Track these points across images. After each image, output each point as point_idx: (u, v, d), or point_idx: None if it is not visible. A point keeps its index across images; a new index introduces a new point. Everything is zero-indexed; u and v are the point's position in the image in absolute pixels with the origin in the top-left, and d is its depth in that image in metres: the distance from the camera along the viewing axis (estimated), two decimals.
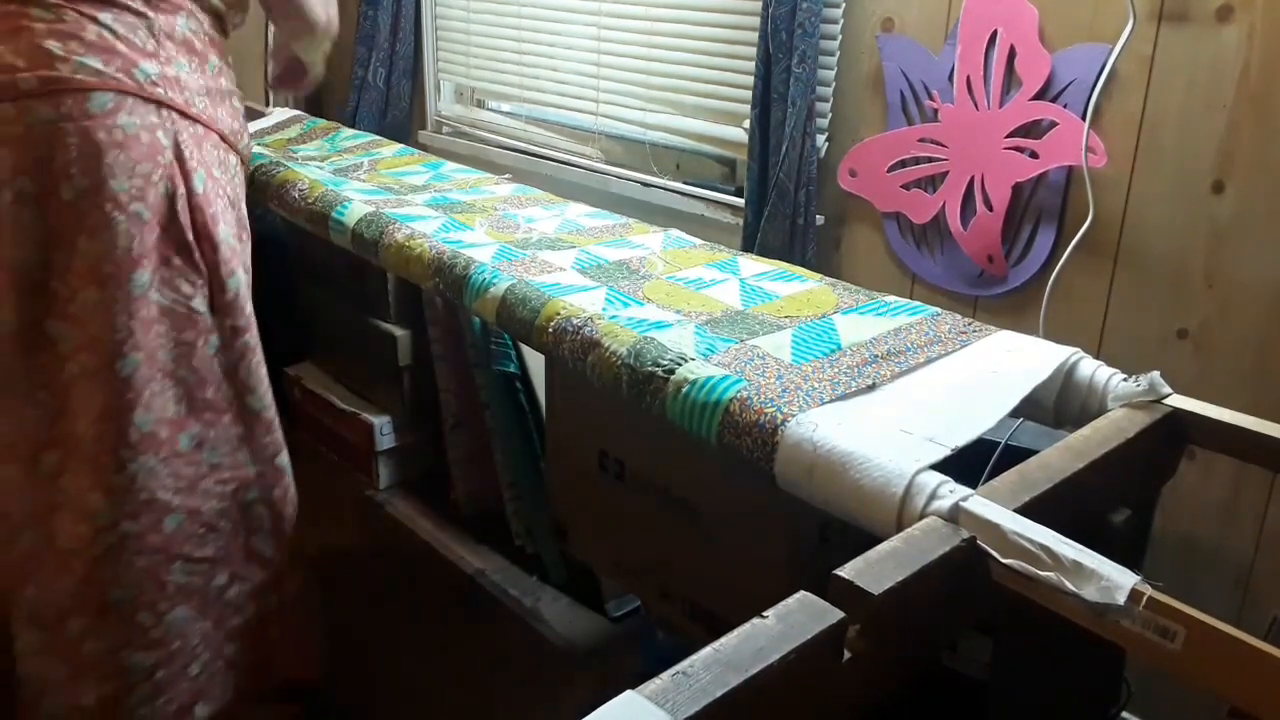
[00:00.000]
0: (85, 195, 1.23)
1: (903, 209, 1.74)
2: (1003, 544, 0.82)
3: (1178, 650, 0.73)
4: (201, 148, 1.34)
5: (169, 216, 1.29)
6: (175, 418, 1.33)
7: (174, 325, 1.32)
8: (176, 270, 1.31)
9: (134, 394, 1.28)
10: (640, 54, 2.15)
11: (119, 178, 1.25)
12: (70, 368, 1.26)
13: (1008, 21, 1.55)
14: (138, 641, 1.33)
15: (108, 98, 1.24)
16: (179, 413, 1.33)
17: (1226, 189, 1.40)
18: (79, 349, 1.26)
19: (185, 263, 1.32)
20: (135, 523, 1.30)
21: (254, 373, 1.42)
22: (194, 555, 1.37)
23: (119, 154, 1.24)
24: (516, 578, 2.06)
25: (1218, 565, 1.50)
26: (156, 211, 1.28)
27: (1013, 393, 1.08)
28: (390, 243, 1.55)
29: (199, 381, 1.35)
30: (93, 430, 1.27)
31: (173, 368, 1.32)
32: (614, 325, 1.22)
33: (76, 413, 1.27)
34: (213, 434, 1.37)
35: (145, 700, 1.34)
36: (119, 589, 1.31)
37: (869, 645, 0.75)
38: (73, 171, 1.22)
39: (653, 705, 0.62)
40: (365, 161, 2.12)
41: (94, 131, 1.23)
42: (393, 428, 2.31)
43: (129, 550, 1.30)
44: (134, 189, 1.26)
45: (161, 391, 1.31)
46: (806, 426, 0.98)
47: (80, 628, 1.30)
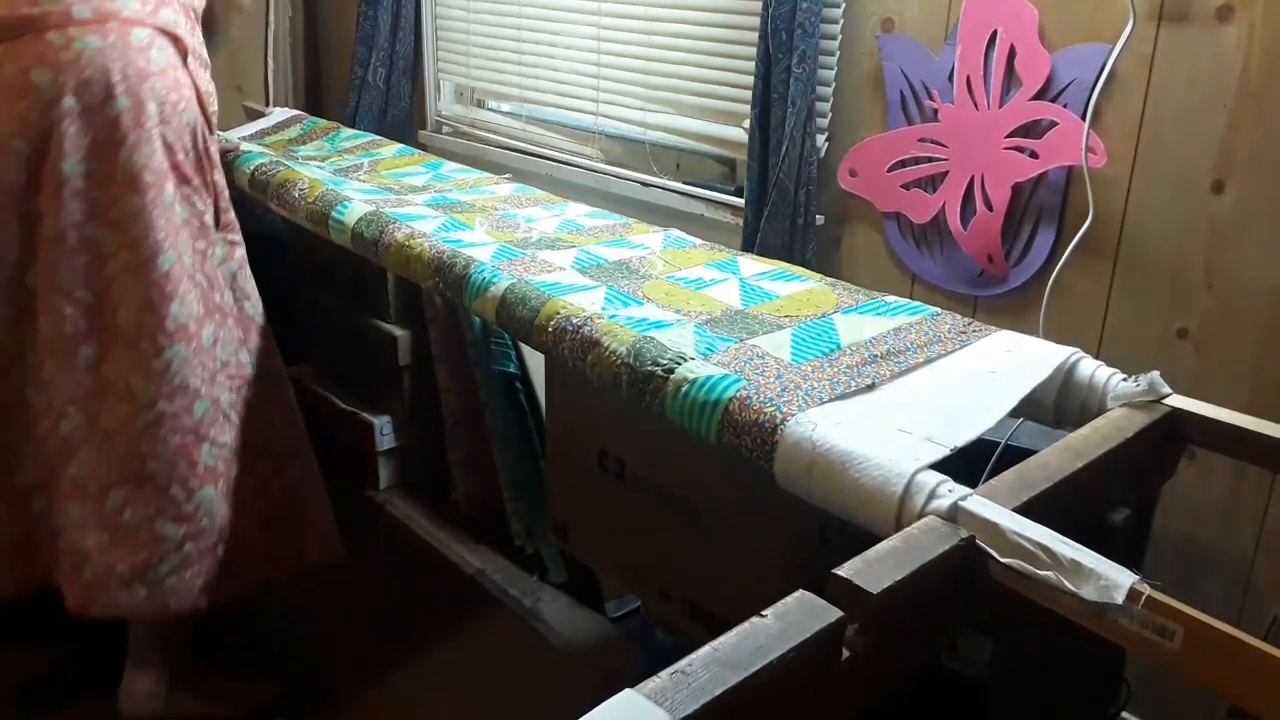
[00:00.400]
0: (127, 113, 1.41)
1: (903, 209, 1.74)
2: (1001, 543, 0.82)
3: (1176, 649, 0.73)
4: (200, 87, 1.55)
5: (191, 141, 1.50)
6: (198, 315, 1.50)
7: (193, 235, 1.51)
8: (194, 188, 1.51)
9: (170, 288, 1.46)
10: (640, 54, 2.15)
11: (156, 101, 1.44)
12: (111, 267, 1.43)
13: (1008, 21, 1.55)
14: (170, 513, 1.48)
15: (145, 33, 1.45)
16: (199, 312, 1.51)
17: (1226, 189, 1.40)
18: (120, 249, 1.43)
19: (201, 183, 1.53)
20: (171, 404, 1.47)
21: (249, 281, 1.62)
22: (218, 440, 1.53)
23: (156, 80, 1.44)
24: (516, 578, 2.06)
25: (1218, 565, 1.50)
26: (181, 135, 1.48)
27: (1012, 393, 1.08)
28: (390, 242, 1.55)
29: (210, 285, 1.54)
30: (134, 319, 1.44)
31: (193, 271, 1.51)
32: (613, 325, 1.22)
33: (117, 306, 1.44)
34: (222, 334, 1.55)
35: (174, 570, 1.48)
36: (156, 462, 1.46)
37: (868, 644, 0.75)
38: (117, 92, 1.40)
39: (652, 704, 0.62)
40: (365, 162, 2.12)
41: (136, 60, 1.42)
42: (393, 428, 2.31)
43: (165, 428, 1.46)
44: (166, 113, 1.46)
45: (189, 290, 1.49)
46: (806, 426, 0.98)
47: (120, 499, 1.46)
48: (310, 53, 3.03)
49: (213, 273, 1.54)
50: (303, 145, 2.33)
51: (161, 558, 1.47)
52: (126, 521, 1.46)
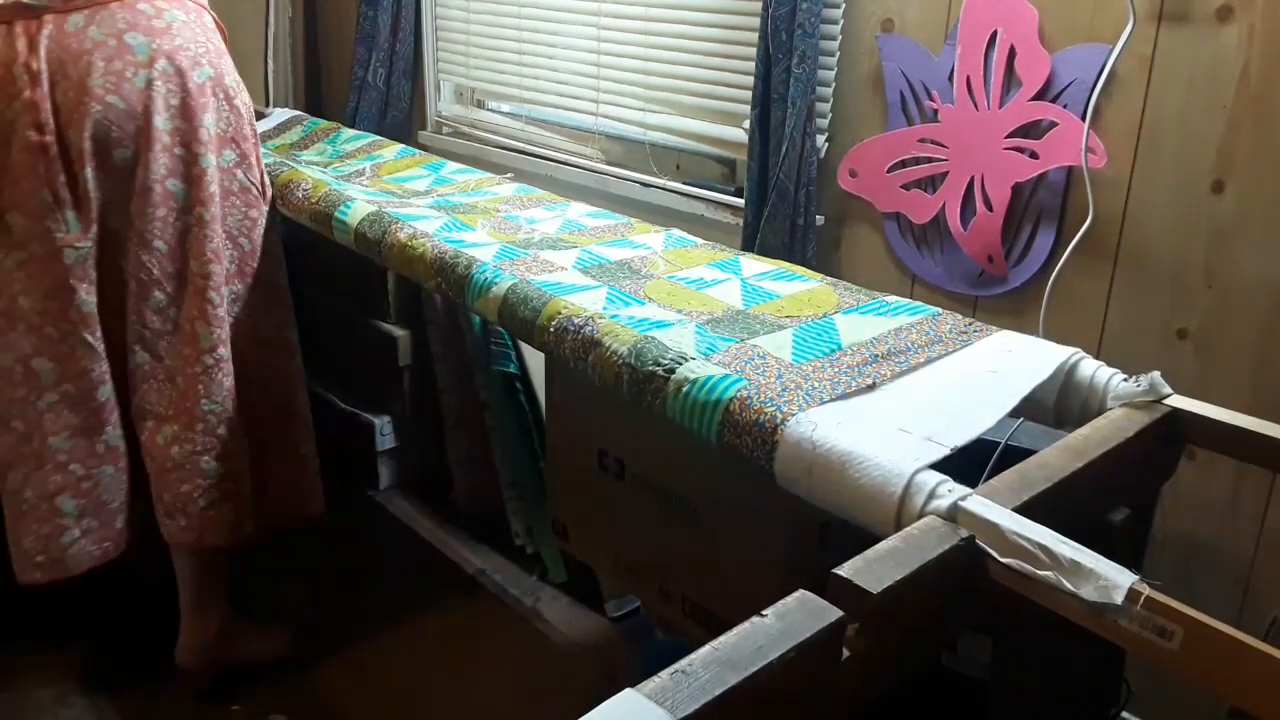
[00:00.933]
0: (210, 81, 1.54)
1: (903, 209, 1.75)
2: (1001, 543, 0.82)
3: (1176, 650, 0.73)
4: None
5: (250, 117, 1.63)
6: (229, 273, 1.62)
7: (246, 202, 1.64)
8: (255, 160, 1.65)
9: (225, 242, 1.61)
10: (640, 54, 2.15)
11: (231, 75, 1.59)
12: (189, 218, 1.55)
13: (1008, 22, 1.55)
14: (215, 451, 1.61)
15: (210, 19, 1.60)
16: (230, 270, 1.63)
17: (1226, 189, 1.40)
18: (196, 203, 1.54)
19: (256, 156, 1.65)
20: (226, 349, 1.61)
21: (278, 250, 1.72)
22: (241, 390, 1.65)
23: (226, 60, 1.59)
24: (516, 578, 2.06)
25: (1218, 565, 1.50)
26: (246, 110, 1.62)
27: (1013, 393, 1.08)
28: (393, 242, 1.55)
29: (252, 250, 1.66)
30: (203, 270, 1.56)
31: (237, 234, 1.63)
32: (615, 324, 1.22)
33: (189, 256, 1.56)
34: (252, 296, 1.67)
35: (213, 504, 1.62)
36: (210, 403, 1.59)
37: (868, 644, 0.75)
38: (203, 62, 1.53)
39: (652, 704, 0.62)
40: (368, 167, 2.12)
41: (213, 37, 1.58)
42: (393, 428, 2.31)
43: (222, 371, 1.60)
44: (237, 86, 1.60)
45: (224, 249, 1.61)
46: (806, 426, 0.98)
47: (171, 433, 1.59)
48: (310, 53, 3.03)
49: (258, 240, 1.66)
50: (304, 150, 2.33)
51: (203, 491, 1.60)
52: (175, 455, 1.59)
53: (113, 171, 1.50)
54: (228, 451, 1.62)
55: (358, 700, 1.74)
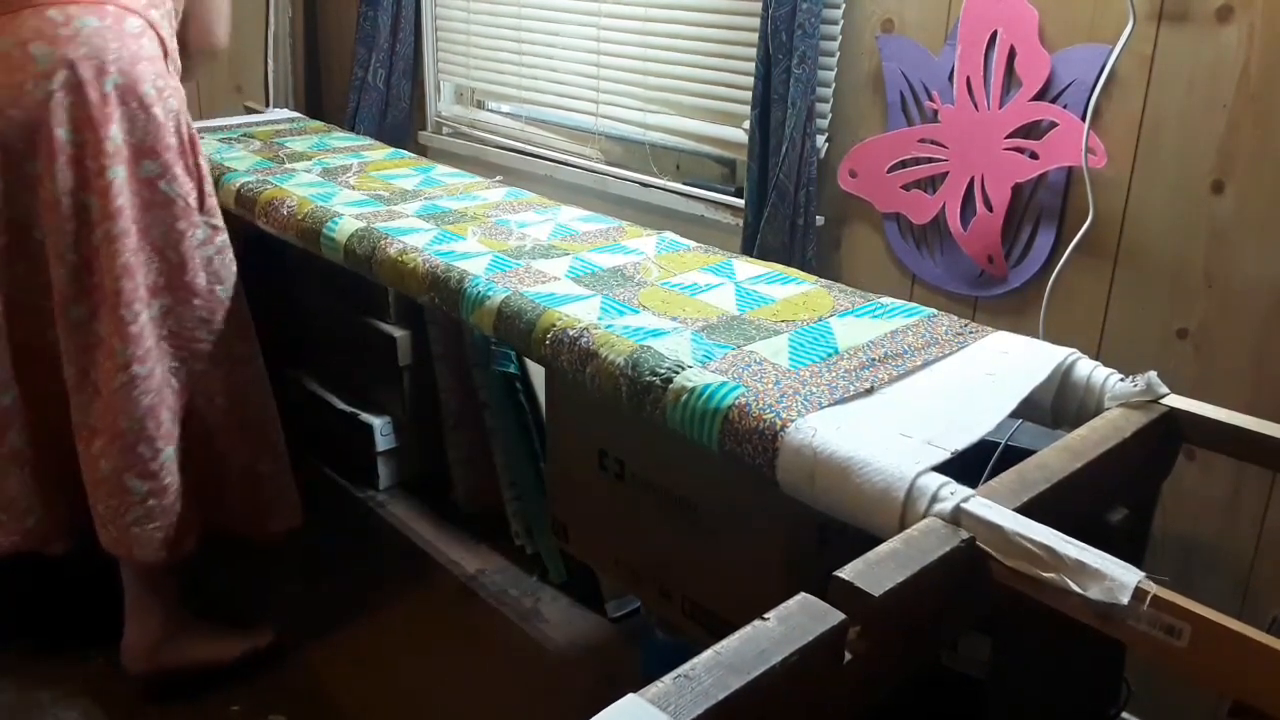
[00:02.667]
0: (120, 90, 1.48)
1: (903, 209, 1.75)
2: (1005, 545, 0.82)
3: (1184, 647, 0.74)
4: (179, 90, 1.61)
5: (176, 125, 1.56)
6: (153, 287, 1.57)
7: (172, 214, 1.57)
8: (182, 170, 1.57)
9: (145, 258, 1.55)
10: (640, 54, 2.15)
11: (147, 82, 1.51)
12: (98, 233, 1.51)
13: (1008, 22, 1.55)
14: (137, 468, 1.57)
15: (138, 22, 1.53)
16: (157, 284, 1.57)
17: (1226, 189, 1.41)
18: (105, 217, 1.50)
19: (184, 166, 1.58)
20: (143, 366, 1.55)
21: (226, 267, 1.66)
22: (174, 406, 1.62)
23: (148, 65, 1.52)
24: (516, 578, 2.07)
25: (1218, 565, 1.51)
26: (169, 117, 1.55)
27: (1011, 394, 1.08)
28: (383, 258, 1.55)
29: (181, 263, 1.59)
30: (114, 285, 1.51)
31: (162, 246, 1.57)
32: (610, 335, 1.22)
33: (103, 270, 1.52)
34: (183, 310, 1.61)
35: (139, 520, 1.59)
36: (127, 420, 1.55)
37: (869, 646, 0.75)
38: (111, 70, 1.47)
39: (655, 709, 0.62)
40: (355, 163, 2.12)
41: (130, 43, 1.50)
42: (393, 428, 2.31)
43: (138, 389, 1.55)
44: (156, 94, 1.53)
45: (148, 262, 1.55)
46: (806, 432, 0.99)
47: (100, 447, 1.57)
48: (310, 53, 3.03)
49: (189, 252, 1.59)
50: (291, 138, 2.33)
51: (129, 507, 1.58)
52: (103, 469, 1.58)
53: (25, 184, 1.49)
54: (150, 471, 1.58)
55: (358, 700, 1.74)
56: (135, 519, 1.59)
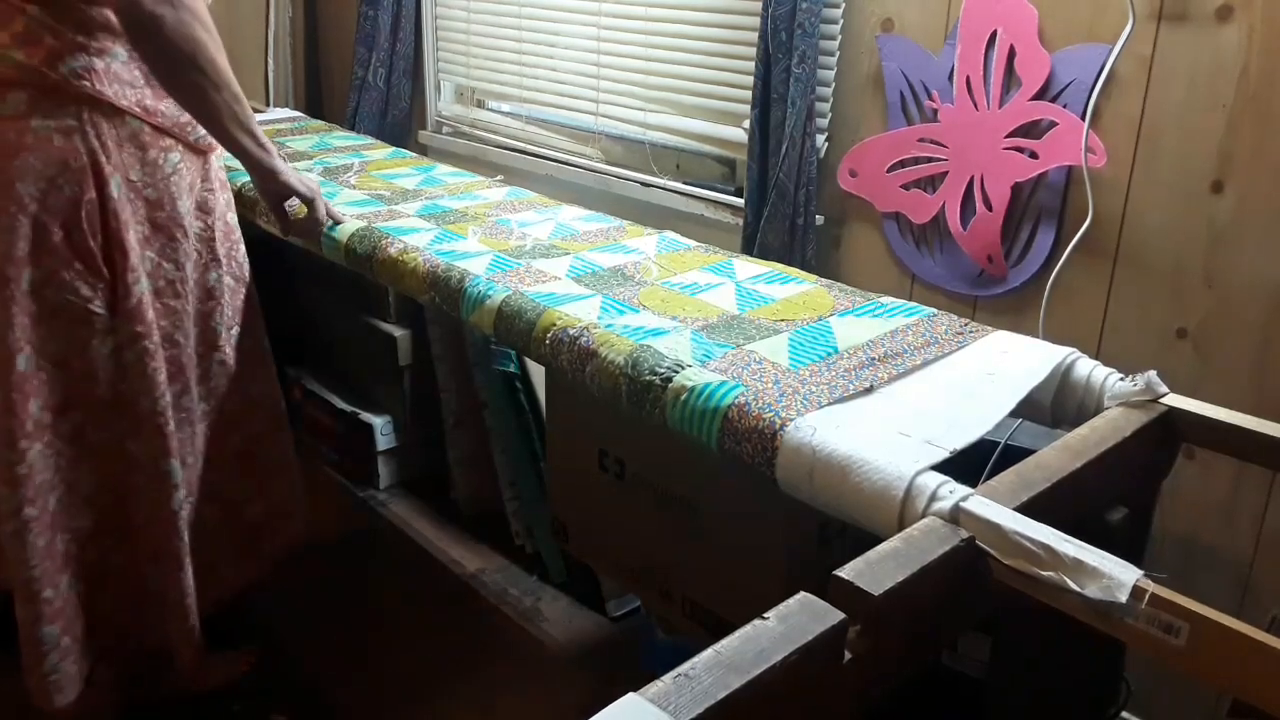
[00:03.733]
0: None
1: (902, 209, 1.75)
2: (1004, 544, 0.82)
3: (1182, 645, 0.74)
4: (124, 148, 1.34)
5: (73, 220, 1.31)
6: (58, 405, 1.39)
7: (69, 322, 1.36)
8: (76, 273, 1.34)
9: (31, 387, 1.35)
10: (640, 54, 2.15)
11: (25, 180, 1.27)
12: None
13: (1007, 21, 1.55)
14: (46, 615, 1.43)
15: (21, 98, 1.26)
16: (63, 400, 1.39)
17: (1226, 189, 1.41)
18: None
19: (85, 266, 1.34)
20: (34, 507, 1.39)
21: (150, 377, 1.43)
22: (71, 525, 1.46)
23: (28, 156, 1.27)
24: (516, 578, 2.06)
25: (1217, 565, 1.51)
26: (58, 215, 1.30)
27: (1010, 394, 1.09)
28: (384, 258, 1.55)
29: (87, 373, 1.39)
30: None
31: (65, 359, 1.37)
32: (610, 334, 1.22)
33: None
34: (94, 421, 1.43)
35: (54, 667, 1.45)
36: (26, 569, 1.40)
37: (870, 646, 0.75)
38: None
39: (655, 708, 0.62)
40: (356, 162, 2.12)
41: (5, 133, 1.26)
42: (393, 428, 2.31)
43: (31, 533, 1.39)
44: (38, 191, 1.28)
45: (50, 380, 1.37)
46: (805, 431, 0.99)
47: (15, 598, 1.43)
48: (310, 53, 3.03)
49: (94, 361, 1.39)
50: (293, 138, 2.33)
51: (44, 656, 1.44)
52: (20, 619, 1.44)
53: None
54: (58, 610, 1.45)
55: (358, 700, 1.74)
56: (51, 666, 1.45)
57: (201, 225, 1.50)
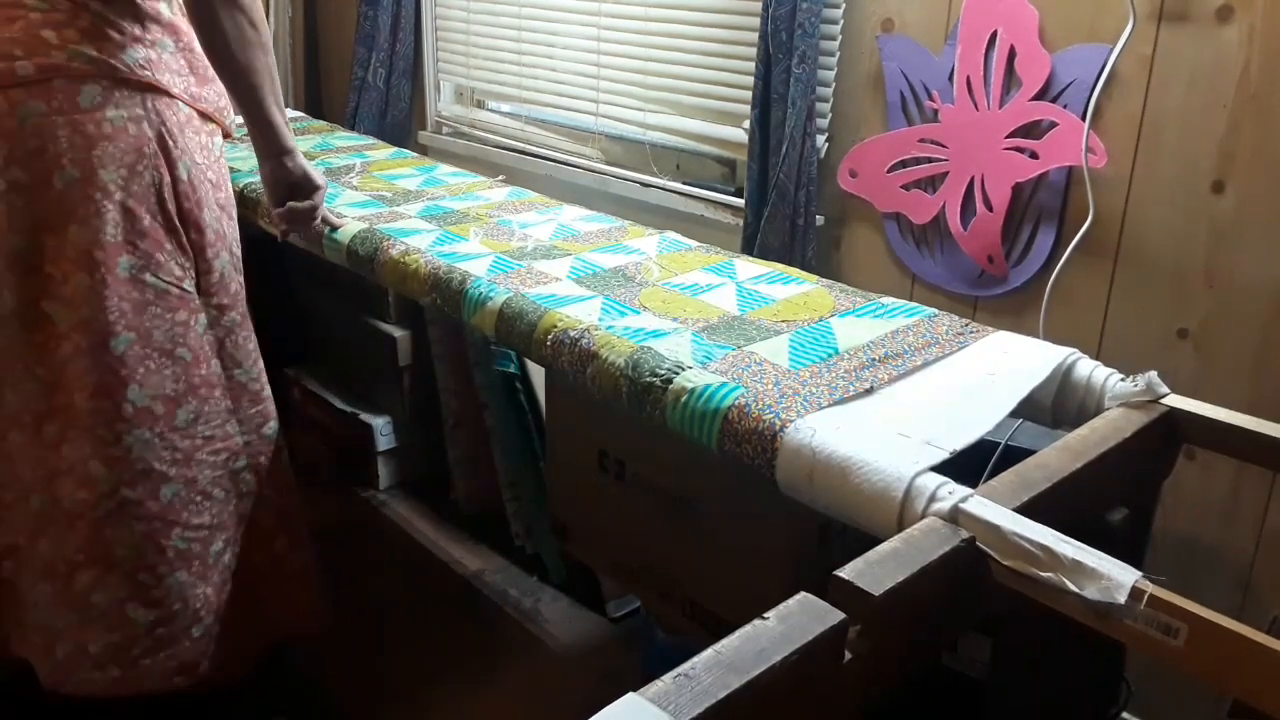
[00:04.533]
0: (76, 185, 1.30)
1: (903, 209, 1.75)
2: (1003, 544, 0.82)
3: (1180, 647, 0.74)
4: (184, 133, 1.39)
5: (156, 204, 1.36)
6: (172, 395, 1.40)
7: (168, 307, 1.39)
8: (168, 254, 1.38)
9: (127, 371, 1.36)
10: (640, 54, 2.15)
11: (108, 168, 1.31)
12: (65, 346, 1.34)
13: (1008, 22, 1.55)
14: (140, 598, 1.41)
15: (96, 91, 1.30)
16: (176, 390, 1.40)
17: (1226, 189, 1.41)
18: (73, 329, 1.33)
19: (175, 247, 1.39)
20: (134, 490, 1.38)
21: (241, 347, 1.49)
22: (191, 523, 1.44)
23: (108, 145, 1.31)
24: (516, 578, 2.06)
25: (1218, 565, 1.51)
26: (143, 200, 1.35)
27: (1011, 395, 1.09)
28: (385, 259, 1.54)
29: (195, 359, 1.42)
30: (89, 405, 1.35)
31: (170, 347, 1.39)
32: (611, 336, 1.22)
33: (72, 388, 1.34)
34: (206, 408, 1.44)
35: (148, 652, 1.43)
36: (122, 548, 1.39)
37: (870, 646, 0.75)
38: (64, 162, 1.29)
39: (655, 707, 0.62)
40: (358, 163, 2.12)
41: (84, 125, 1.29)
42: (393, 428, 2.31)
43: (129, 515, 1.39)
44: (121, 179, 1.32)
45: (158, 370, 1.38)
46: (805, 432, 0.99)
47: (88, 580, 1.39)
48: (310, 53, 3.03)
49: (196, 344, 1.42)
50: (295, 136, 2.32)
51: (134, 640, 1.42)
52: (96, 603, 1.41)
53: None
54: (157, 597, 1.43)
55: (357, 700, 1.74)
56: (143, 650, 1.43)
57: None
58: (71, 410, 1.35)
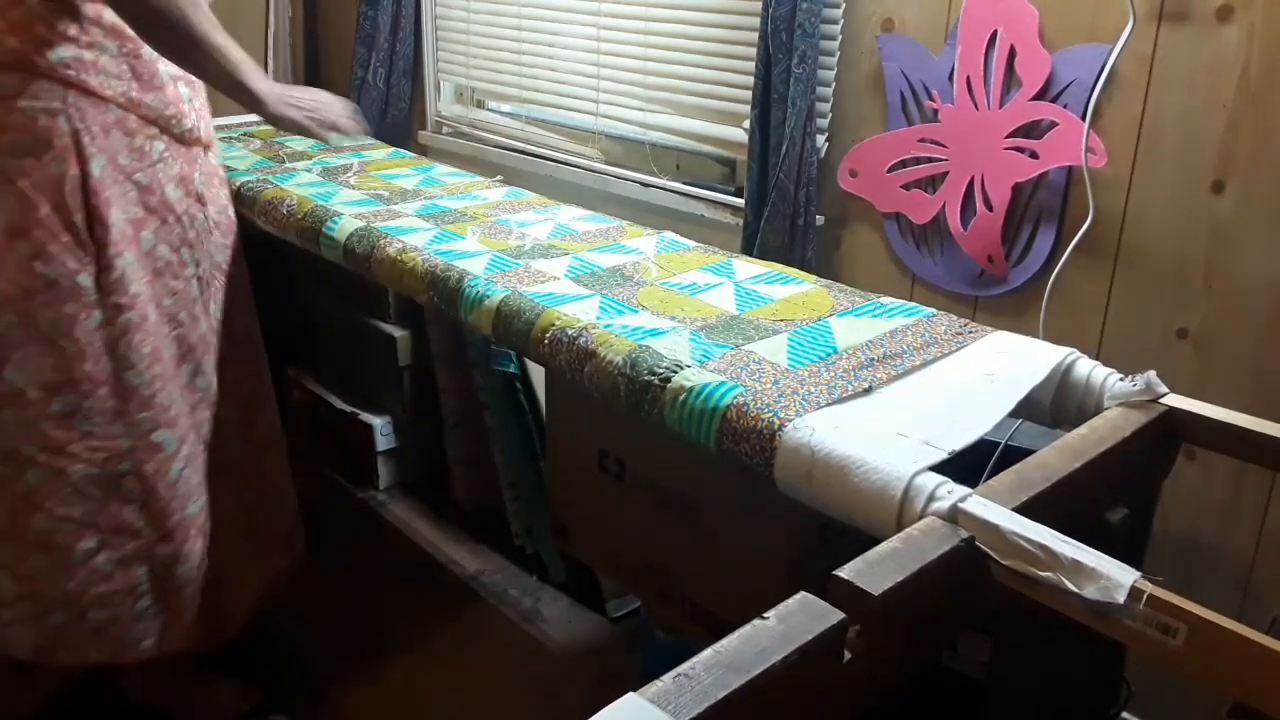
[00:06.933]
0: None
1: (903, 209, 1.75)
2: (1002, 544, 0.82)
3: (1179, 646, 0.74)
4: (110, 134, 1.40)
5: (58, 196, 1.36)
6: (48, 383, 1.40)
7: (56, 296, 1.38)
8: (62, 245, 1.38)
9: (4, 353, 1.37)
10: (640, 54, 2.15)
11: (12, 155, 1.33)
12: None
13: (1008, 22, 1.55)
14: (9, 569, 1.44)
15: (11, 80, 1.33)
16: (53, 380, 1.40)
17: (1226, 189, 1.41)
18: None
19: (73, 240, 1.38)
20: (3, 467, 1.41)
21: (136, 349, 1.45)
22: (57, 512, 1.44)
23: (14, 135, 1.33)
24: (516, 578, 2.06)
25: (1218, 565, 1.51)
26: (44, 190, 1.36)
27: (1010, 395, 1.08)
28: (382, 257, 1.54)
29: (78, 353, 1.41)
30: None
31: (54, 336, 1.39)
32: (609, 334, 1.22)
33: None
34: (87, 404, 1.43)
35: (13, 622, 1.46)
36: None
37: (869, 646, 0.75)
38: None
39: (655, 707, 0.62)
40: (355, 162, 2.12)
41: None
42: (393, 428, 2.31)
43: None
44: (24, 167, 1.34)
45: (37, 356, 1.39)
46: (804, 431, 0.98)
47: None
48: (310, 53, 3.03)
49: (85, 338, 1.40)
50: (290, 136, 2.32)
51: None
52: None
53: None
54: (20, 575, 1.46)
55: (357, 700, 1.74)
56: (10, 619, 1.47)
57: (201, 215, 1.54)
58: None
